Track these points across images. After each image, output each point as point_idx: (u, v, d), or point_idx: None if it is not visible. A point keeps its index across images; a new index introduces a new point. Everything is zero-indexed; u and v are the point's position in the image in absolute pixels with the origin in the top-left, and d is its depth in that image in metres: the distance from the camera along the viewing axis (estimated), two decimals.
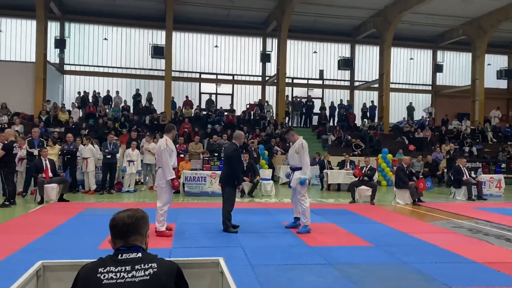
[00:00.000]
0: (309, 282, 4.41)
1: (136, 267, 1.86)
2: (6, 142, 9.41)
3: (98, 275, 1.83)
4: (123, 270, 1.85)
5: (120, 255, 1.92)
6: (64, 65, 22.82)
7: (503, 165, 17.48)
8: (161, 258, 1.97)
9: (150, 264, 1.88)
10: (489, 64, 25.59)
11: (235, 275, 2.08)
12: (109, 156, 11.92)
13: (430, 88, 27.17)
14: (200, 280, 2.30)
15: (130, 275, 1.83)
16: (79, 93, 21.24)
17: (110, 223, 1.99)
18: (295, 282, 4.41)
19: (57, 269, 2.22)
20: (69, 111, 19.30)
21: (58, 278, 2.20)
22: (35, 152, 11.09)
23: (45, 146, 11.26)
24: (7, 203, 9.09)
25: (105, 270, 1.85)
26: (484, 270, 5.03)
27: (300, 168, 7.12)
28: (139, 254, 1.93)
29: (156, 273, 1.86)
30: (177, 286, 1.91)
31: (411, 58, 26.63)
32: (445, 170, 16.51)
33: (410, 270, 4.94)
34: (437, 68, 26.74)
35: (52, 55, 21.88)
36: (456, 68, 27.32)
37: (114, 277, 1.82)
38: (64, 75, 23.01)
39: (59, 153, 12.16)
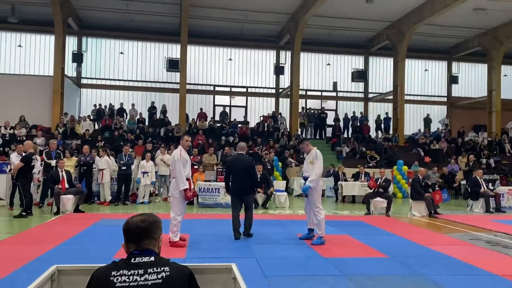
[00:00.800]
0: None
1: (149, 270, 1.88)
2: (24, 153, 9.58)
3: (111, 278, 1.85)
4: (136, 273, 1.86)
5: (133, 258, 1.94)
6: (81, 79, 23.26)
7: None
8: (174, 262, 1.99)
9: (162, 268, 1.90)
10: (505, 75, 25.28)
11: (249, 285, 2.07)
12: (124, 168, 12.03)
13: (445, 99, 26.92)
14: (213, 285, 2.30)
15: (142, 278, 1.85)
16: (94, 105, 21.59)
17: (124, 227, 2.02)
18: None
19: (71, 273, 2.25)
20: (81, 122, 19.61)
21: (72, 282, 2.22)
22: (53, 163, 11.27)
23: (62, 157, 11.42)
24: (24, 213, 9.21)
25: (118, 274, 1.87)
26: (503, 282, 4.92)
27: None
28: (152, 258, 1.94)
29: (168, 276, 1.87)
30: None
31: (426, 70, 26.46)
32: (462, 182, 16.25)
33: (426, 282, 4.85)
34: (453, 79, 26.50)
35: (70, 69, 22.35)
36: (472, 79, 27.05)
37: (127, 280, 1.84)
38: (81, 89, 23.44)
39: (76, 164, 12.34)
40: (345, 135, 22.72)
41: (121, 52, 23.28)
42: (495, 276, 5.17)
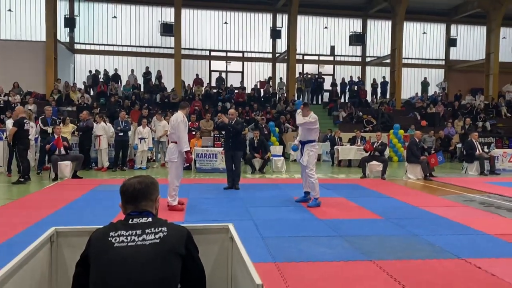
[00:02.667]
0: (319, 253, 4.45)
1: (147, 231, 1.89)
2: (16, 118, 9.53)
3: (109, 239, 1.87)
4: (133, 234, 1.88)
5: (130, 219, 1.95)
6: (75, 44, 22.83)
7: None
8: (171, 223, 2.00)
9: (160, 228, 1.91)
10: (504, 38, 24.96)
11: (246, 246, 2.10)
12: (121, 134, 12.01)
13: (443, 63, 26.68)
14: (210, 245, 2.33)
15: (140, 238, 1.86)
16: (90, 71, 21.29)
17: (121, 188, 2.02)
18: (305, 252, 4.46)
19: (70, 235, 2.27)
20: (80, 89, 19.38)
21: (71, 244, 2.24)
22: (49, 130, 11.23)
23: (58, 123, 11.38)
24: (22, 179, 9.25)
25: (116, 234, 1.88)
26: (495, 241, 5.03)
27: (310, 141, 7.15)
28: (150, 219, 1.96)
29: (166, 236, 1.89)
30: (187, 250, 1.93)
31: (424, 33, 26.08)
32: (458, 145, 16.34)
33: (420, 242, 4.95)
34: (451, 42, 26.18)
35: (63, 34, 21.89)
36: (470, 42, 26.73)
37: (125, 240, 1.85)
38: (75, 54, 23.05)
39: (73, 131, 12.30)
40: (342, 100, 22.62)
41: (114, 17, 22.76)
42: (487, 235, 5.29)
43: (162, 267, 1.82)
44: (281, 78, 23.21)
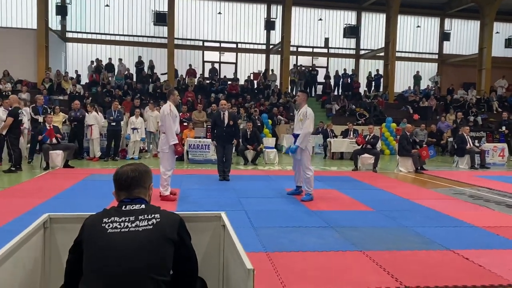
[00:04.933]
0: (310, 243, 4.50)
1: (140, 217, 1.91)
2: (10, 108, 9.44)
3: (103, 225, 1.89)
4: (127, 220, 1.90)
5: (124, 206, 1.97)
6: (66, 32, 22.57)
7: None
8: (164, 210, 2.02)
9: (153, 215, 1.93)
10: (497, 32, 25.09)
11: (238, 236, 2.12)
12: (114, 124, 11.96)
13: (436, 57, 26.79)
14: (203, 233, 2.36)
15: (133, 224, 1.88)
16: (92, 61, 21.02)
17: (114, 176, 2.04)
18: (296, 242, 4.51)
19: (64, 221, 2.28)
20: (72, 79, 19.18)
21: (65, 230, 2.25)
22: (40, 119, 11.15)
23: (49, 112, 11.30)
24: (13, 168, 9.20)
25: (109, 220, 1.90)
26: (483, 233, 5.11)
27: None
28: (143, 206, 1.97)
29: (159, 223, 1.91)
30: (179, 236, 1.95)
31: (418, 26, 26.13)
32: (449, 139, 16.47)
33: (410, 233, 5.02)
34: (445, 36, 26.26)
35: (54, 22, 21.62)
36: (464, 36, 26.83)
37: (118, 226, 1.87)
38: (67, 43, 22.80)
39: (64, 120, 12.22)
40: (336, 93, 22.66)
41: (107, 5, 22.51)
42: (475, 227, 5.37)
43: (155, 253, 1.84)
44: (272, 70, 23.15)
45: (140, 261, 1.80)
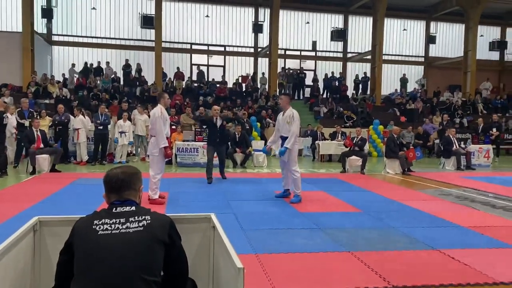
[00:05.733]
0: (299, 244, 4.53)
1: (130, 219, 1.92)
2: None
3: (93, 227, 1.89)
4: (117, 222, 1.91)
5: (114, 208, 1.98)
6: (52, 36, 22.37)
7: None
8: (154, 212, 2.03)
9: (144, 217, 1.94)
10: (481, 36, 25.50)
11: (227, 238, 2.14)
12: (101, 127, 11.88)
13: (422, 59, 27.12)
14: (193, 234, 2.38)
15: (124, 226, 1.89)
16: (73, 64, 20.85)
17: (104, 179, 2.05)
18: (285, 244, 4.54)
19: (53, 225, 2.28)
20: (59, 82, 19.01)
21: (54, 233, 2.25)
22: (26, 123, 11.03)
23: (35, 116, 11.19)
24: None
25: (100, 222, 1.91)
26: (468, 233, 5.20)
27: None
28: (133, 208, 1.99)
29: (149, 224, 1.92)
30: (170, 238, 1.96)
31: (404, 29, 26.44)
32: (436, 141, 16.67)
33: (397, 234, 5.08)
34: (430, 39, 26.61)
35: (40, 25, 21.42)
36: (449, 39, 27.22)
37: (109, 228, 1.88)
38: (53, 46, 22.59)
39: (50, 124, 12.11)
40: (323, 96, 22.80)
41: (93, 8, 22.38)
42: (461, 227, 5.46)
43: (145, 255, 1.85)
44: (263, 73, 23.22)
45: (131, 263, 1.81)
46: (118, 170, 2.07)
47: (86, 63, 20.98)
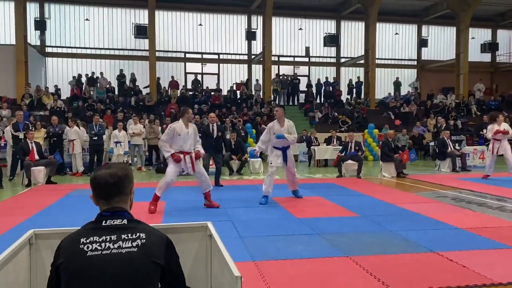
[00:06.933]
0: (297, 251, 4.52)
1: (123, 236, 1.73)
2: None
3: (81, 246, 1.70)
4: (108, 239, 1.72)
5: (104, 221, 1.78)
6: (46, 47, 22.36)
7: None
8: (149, 228, 1.84)
9: (138, 234, 1.75)
10: (473, 38, 25.73)
11: (225, 246, 2.12)
12: (96, 138, 11.86)
13: (415, 63, 27.30)
14: (189, 243, 2.37)
15: (116, 245, 1.71)
16: (74, 77, 20.85)
17: (91, 180, 1.84)
18: (283, 251, 4.52)
19: (49, 237, 2.26)
20: (53, 94, 18.97)
21: (51, 246, 2.22)
22: (21, 135, 10.99)
23: (30, 129, 11.15)
24: None
25: (88, 241, 1.71)
26: (466, 235, 5.21)
27: (289, 147, 7.61)
28: (125, 221, 1.79)
29: (144, 245, 1.73)
30: (166, 259, 1.78)
31: (396, 33, 26.64)
32: (431, 143, 16.75)
33: (395, 237, 5.08)
34: (422, 42, 26.82)
35: (33, 37, 21.41)
36: (441, 42, 27.43)
37: (99, 248, 1.70)
38: (46, 58, 22.58)
39: (45, 136, 12.07)
40: (318, 101, 22.88)
41: (87, 19, 22.40)
42: (458, 229, 5.47)
43: (140, 279, 1.69)
44: (257, 80, 23.28)
45: (125, 287, 1.67)
46: (106, 171, 1.81)
47: (80, 75, 20.96)
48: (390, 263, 4.16)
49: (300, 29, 25.13)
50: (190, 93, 21.54)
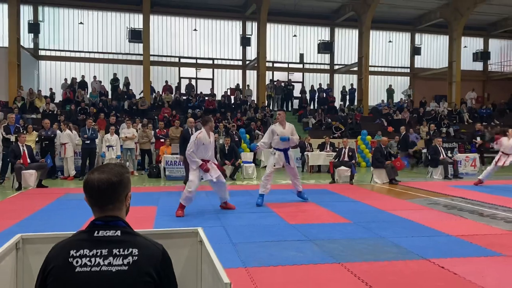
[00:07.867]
0: (289, 257, 4.50)
1: (114, 251, 1.62)
2: None
3: (70, 260, 1.60)
4: (98, 254, 1.61)
5: (96, 231, 1.66)
6: (39, 50, 22.25)
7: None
8: (143, 241, 1.69)
9: (130, 250, 1.63)
10: (465, 47, 25.98)
11: (216, 252, 2.10)
12: (88, 142, 11.79)
13: (408, 70, 27.49)
14: (180, 249, 2.34)
15: (106, 262, 1.60)
16: (65, 79, 20.75)
17: (84, 184, 1.71)
18: (276, 257, 4.50)
19: (37, 242, 2.23)
20: (46, 97, 18.85)
21: (38, 251, 2.20)
22: (12, 138, 10.90)
23: (22, 132, 11.06)
24: None
25: (78, 254, 1.61)
26: (457, 242, 5.22)
27: (289, 148, 7.93)
28: (118, 232, 1.66)
29: (136, 262, 1.61)
30: (160, 276, 1.64)
31: (390, 41, 26.82)
32: (423, 150, 16.81)
33: (387, 244, 5.09)
34: (415, 50, 27.02)
35: (26, 40, 21.30)
36: (434, 50, 27.66)
37: (88, 263, 1.59)
38: (39, 61, 22.45)
39: (37, 139, 11.98)
40: (311, 107, 22.95)
41: (81, 22, 22.32)
42: (450, 236, 5.48)
43: None
44: (248, 86, 23.31)
45: None
46: (100, 176, 1.68)
47: (74, 78, 20.86)
48: (382, 270, 4.15)
49: (295, 35, 25.23)
50: (184, 97, 21.50)
